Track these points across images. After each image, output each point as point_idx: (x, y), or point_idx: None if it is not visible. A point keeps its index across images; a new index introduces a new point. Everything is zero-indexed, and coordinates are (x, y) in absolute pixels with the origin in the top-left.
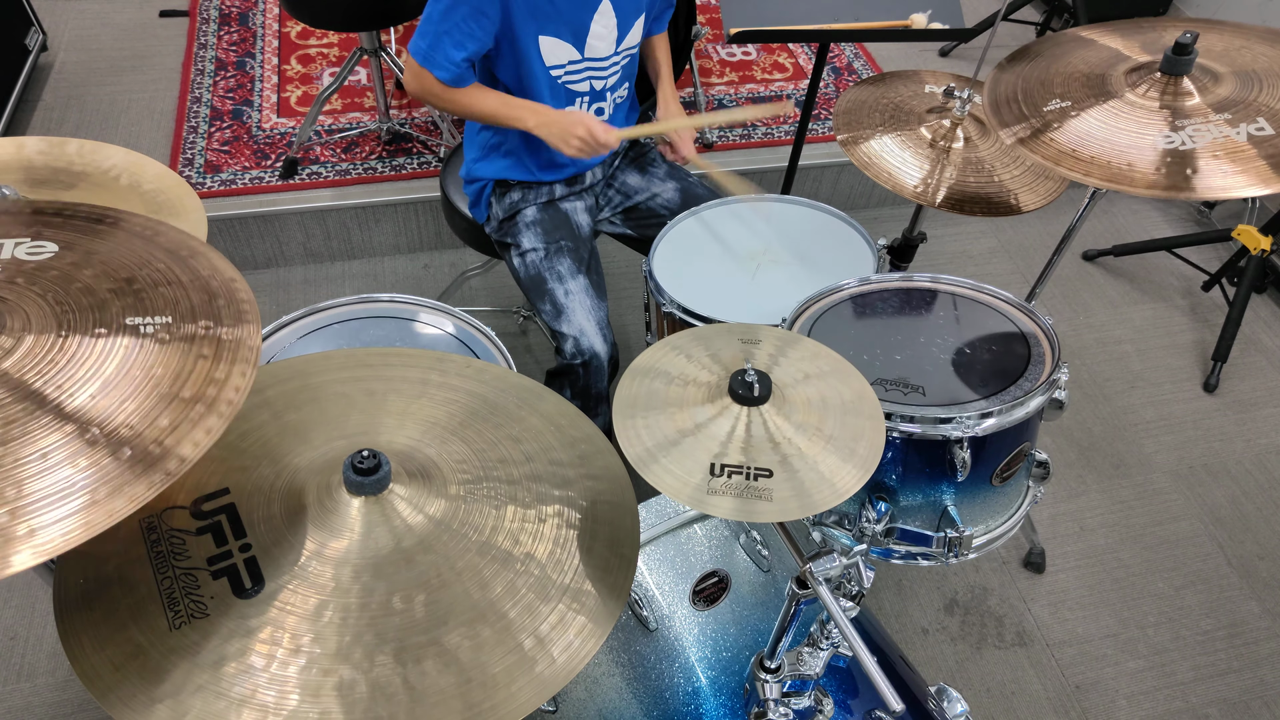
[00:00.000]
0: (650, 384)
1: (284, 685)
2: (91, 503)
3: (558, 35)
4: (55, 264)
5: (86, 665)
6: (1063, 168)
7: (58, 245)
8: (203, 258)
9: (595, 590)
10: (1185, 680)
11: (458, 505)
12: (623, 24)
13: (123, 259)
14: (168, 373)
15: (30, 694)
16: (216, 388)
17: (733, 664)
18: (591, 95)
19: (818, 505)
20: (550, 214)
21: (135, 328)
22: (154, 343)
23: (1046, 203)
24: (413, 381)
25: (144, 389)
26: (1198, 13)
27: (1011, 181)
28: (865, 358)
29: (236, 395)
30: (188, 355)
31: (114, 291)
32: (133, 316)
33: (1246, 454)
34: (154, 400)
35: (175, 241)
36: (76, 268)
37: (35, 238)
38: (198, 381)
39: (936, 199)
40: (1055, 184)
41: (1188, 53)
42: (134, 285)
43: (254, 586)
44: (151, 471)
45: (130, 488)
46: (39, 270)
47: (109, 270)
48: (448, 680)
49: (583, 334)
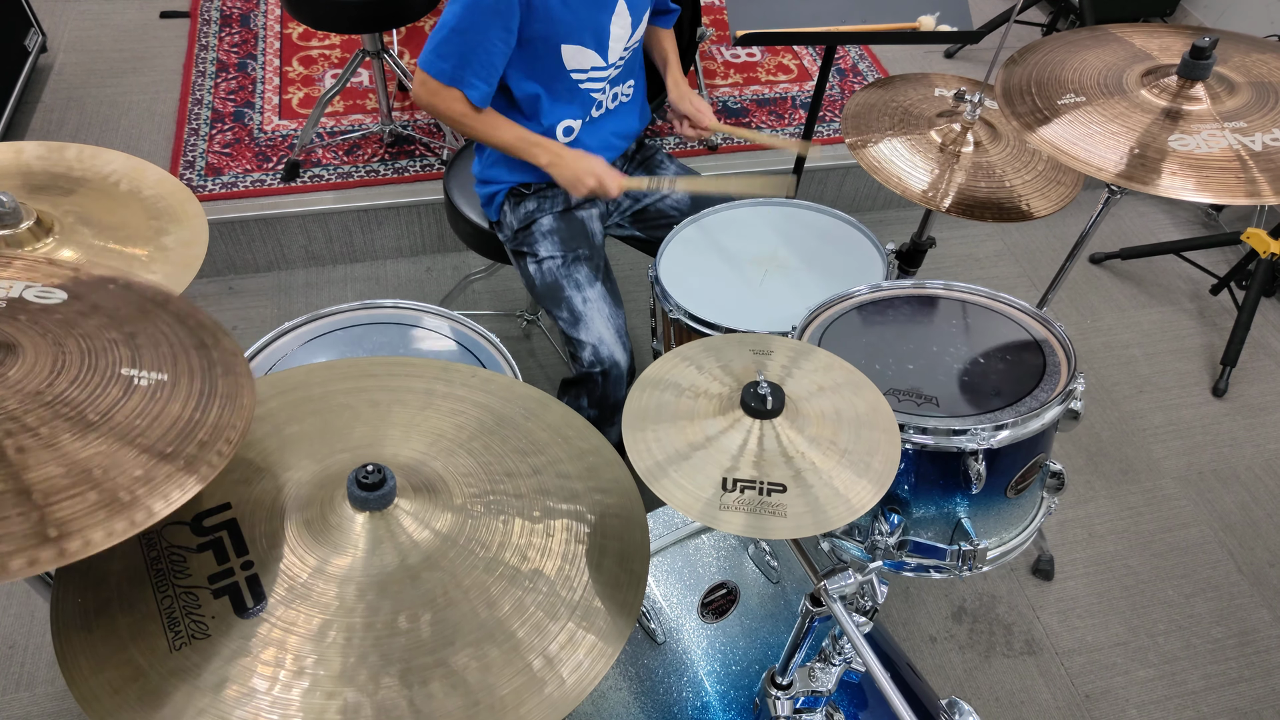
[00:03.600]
0: (660, 396)
1: (287, 709)
2: (42, 542)
3: (581, 43)
4: (62, 310)
5: (85, 689)
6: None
7: (66, 295)
8: (209, 332)
9: (605, 607)
10: (1196, 689)
11: (464, 520)
12: (635, 21)
13: (127, 316)
14: (153, 427)
15: (29, 703)
16: (199, 449)
17: (742, 678)
18: (603, 95)
19: (833, 521)
20: (567, 222)
21: (129, 379)
22: (144, 398)
23: (1058, 208)
24: (418, 392)
25: (125, 439)
26: (1205, 14)
27: (1023, 187)
28: (877, 367)
29: (220, 459)
30: (176, 420)
31: (114, 342)
32: (129, 368)
33: (1256, 459)
34: (133, 451)
35: (183, 310)
36: (82, 316)
37: (46, 283)
38: (179, 442)
39: (945, 204)
40: (1067, 189)
41: (1205, 57)
42: (135, 341)
43: (256, 605)
44: (115, 519)
45: (89, 532)
46: (44, 312)
47: (115, 323)
48: (455, 703)
49: (602, 342)
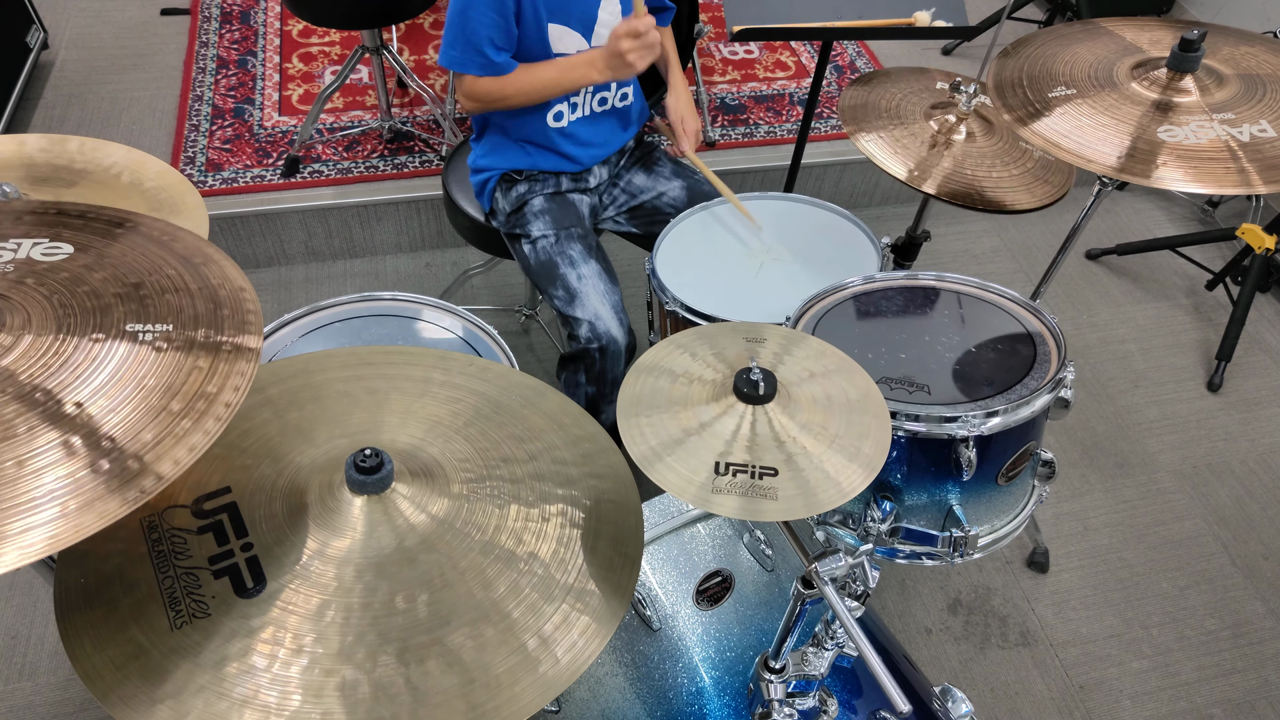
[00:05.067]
0: (655, 382)
1: (286, 686)
2: (60, 516)
3: (566, 24)
4: (67, 265)
5: (88, 665)
6: (1067, 153)
7: (74, 247)
8: (215, 265)
9: (599, 590)
10: (1189, 681)
11: (461, 504)
12: (626, 10)
13: (135, 264)
14: (159, 384)
15: (32, 693)
16: (207, 401)
17: (737, 664)
18: (596, 85)
19: (823, 504)
20: (558, 203)
21: (134, 334)
22: (151, 350)
23: (1049, 201)
24: (415, 380)
25: (133, 399)
26: (1201, 12)
27: (1014, 179)
28: (870, 356)
29: (226, 410)
30: (182, 366)
31: (119, 296)
32: (134, 323)
33: (1251, 453)
34: (141, 412)
35: (190, 248)
36: (88, 270)
37: (54, 239)
38: (188, 395)
39: (932, 187)
40: (1059, 183)
41: (1194, 49)
42: (141, 291)
43: (256, 586)
44: (126, 488)
45: (102, 503)
46: (50, 271)
47: (119, 274)
48: (451, 681)
49: (598, 318)
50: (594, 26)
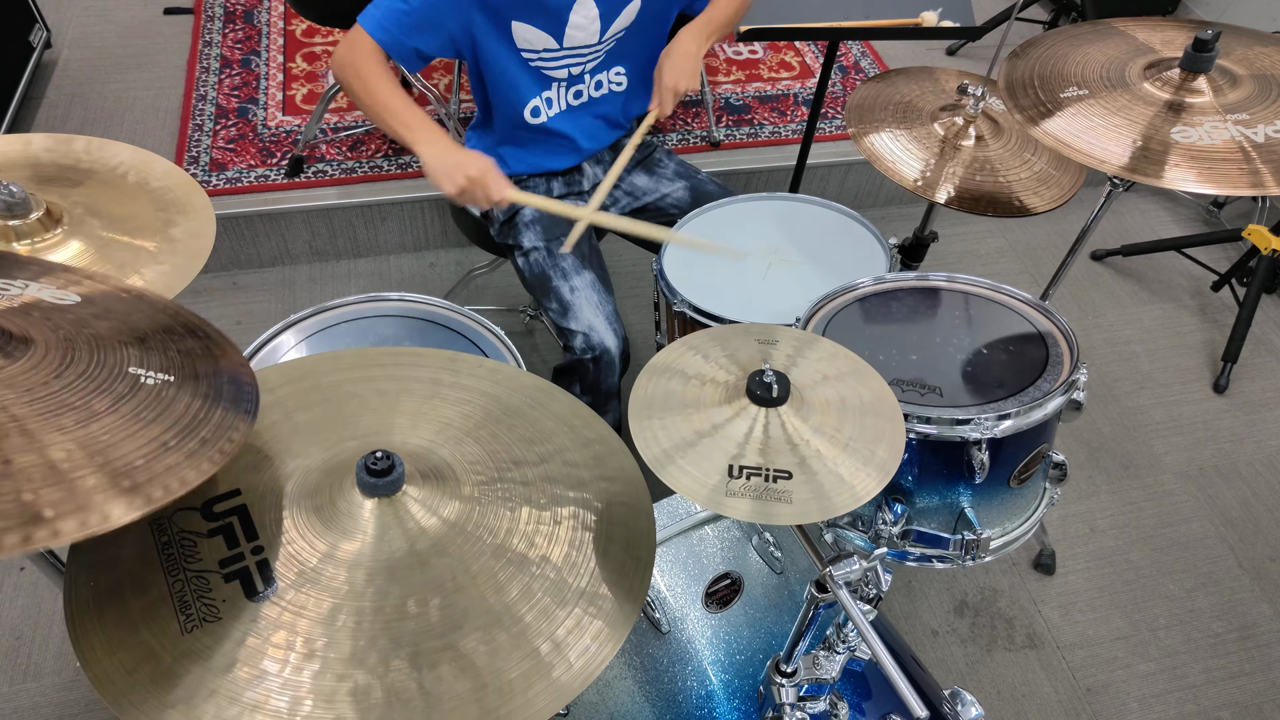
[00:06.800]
0: (667, 384)
1: (298, 690)
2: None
3: (531, 22)
4: (75, 310)
5: (98, 669)
6: (1079, 154)
7: (79, 298)
8: (216, 343)
9: (611, 593)
10: (1197, 683)
11: (472, 507)
12: (607, 13)
13: (138, 322)
14: (158, 421)
15: (37, 694)
16: (200, 445)
17: (746, 667)
18: (569, 80)
19: (837, 508)
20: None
21: (136, 377)
22: (150, 395)
23: (1057, 204)
24: (425, 382)
25: (129, 431)
26: (1206, 11)
27: (1023, 182)
28: (881, 358)
29: (210, 466)
30: (180, 416)
31: (123, 343)
32: (136, 367)
33: (1257, 455)
34: (136, 442)
35: (194, 323)
36: (95, 318)
37: (62, 287)
38: (182, 437)
39: (943, 195)
40: (1067, 185)
41: (1208, 49)
42: (145, 344)
43: (266, 589)
44: (112, 503)
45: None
46: (58, 311)
47: (125, 327)
48: (464, 685)
49: (591, 329)
50: (564, 27)
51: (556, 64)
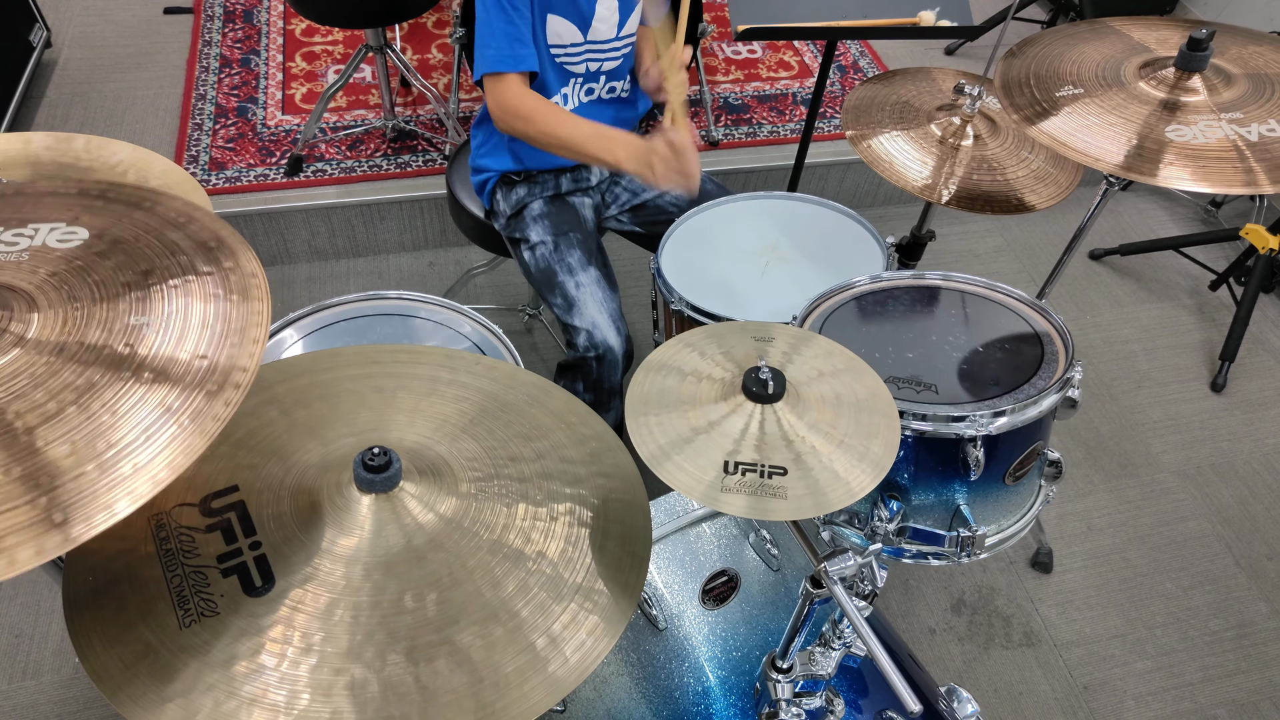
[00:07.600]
0: (663, 381)
1: (295, 684)
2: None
3: (564, 15)
4: (80, 254)
5: (97, 664)
6: (1075, 152)
7: (89, 232)
8: (227, 249)
9: (608, 589)
10: (1194, 681)
11: (469, 503)
12: (624, 7)
13: (145, 250)
14: (159, 379)
15: (36, 691)
16: (206, 399)
17: (743, 664)
18: (586, 76)
19: (832, 504)
20: (557, 207)
21: (138, 327)
22: (151, 347)
23: (1055, 202)
24: (422, 379)
25: (130, 398)
26: (1204, 11)
27: (1020, 180)
28: (877, 355)
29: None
30: (184, 371)
31: (127, 285)
32: (138, 316)
33: (1254, 454)
34: (139, 408)
35: (206, 231)
36: (100, 258)
37: (72, 222)
38: (186, 393)
39: (943, 196)
40: (1065, 183)
41: (1202, 49)
42: (149, 279)
43: (264, 585)
44: (114, 492)
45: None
46: (63, 258)
47: (131, 261)
48: (460, 680)
49: (595, 327)
50: (591, 20)
51: (578, 58)
